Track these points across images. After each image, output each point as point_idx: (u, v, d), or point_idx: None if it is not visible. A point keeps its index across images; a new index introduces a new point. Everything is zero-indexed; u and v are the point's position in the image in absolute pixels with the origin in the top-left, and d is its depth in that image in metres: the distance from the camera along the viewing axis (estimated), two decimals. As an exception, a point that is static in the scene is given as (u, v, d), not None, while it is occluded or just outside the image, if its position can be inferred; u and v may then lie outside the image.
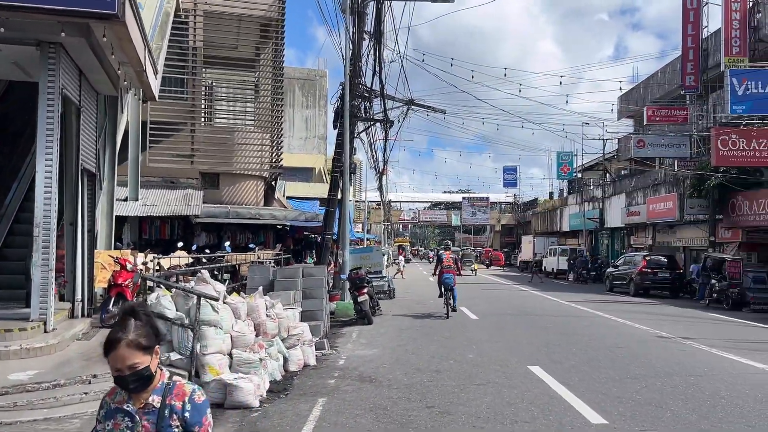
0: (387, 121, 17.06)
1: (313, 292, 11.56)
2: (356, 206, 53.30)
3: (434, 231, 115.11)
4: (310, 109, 32.70)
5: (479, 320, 14.63)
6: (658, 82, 33.17)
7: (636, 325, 13.99)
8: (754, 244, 23.52)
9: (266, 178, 23.15)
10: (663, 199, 29.37)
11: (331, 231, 16.28)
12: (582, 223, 41.93)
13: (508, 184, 69.40)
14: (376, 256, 15.80)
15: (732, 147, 20.30)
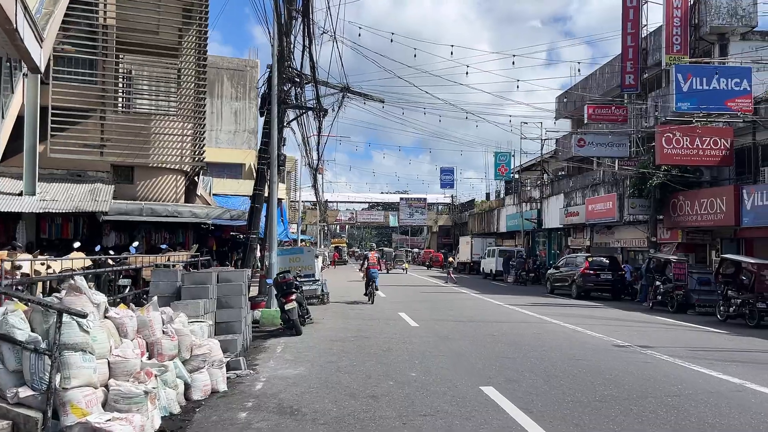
0: (320, 109, 15.52)
1: (231, 300, 9.89)
2: (291, 206, 51.40)
3: (371, 232, 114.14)
4: (239, 101, 30.73)
5: (420, 328, 13.28)
6: (597, 82, 32.95)
7: (588, 332, 12.98)
8: (690, 245, 23.28)
9: (188, 172, 21.11)
10: (602, 199, 29.04)
11: (256, 230, 14.60)
12: (519, 224, 41.55)
13: (445, 185, 68.92)
14: (308, 257, 14.23)
15: (676, 145, 19.83)
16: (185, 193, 21.22)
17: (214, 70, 31.25)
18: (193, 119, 20.93)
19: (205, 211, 18.60)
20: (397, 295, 22.81)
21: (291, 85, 15.13)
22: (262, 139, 14.90)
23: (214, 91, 31.17)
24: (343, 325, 13.63)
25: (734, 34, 23.11)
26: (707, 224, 20.24)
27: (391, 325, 13.79)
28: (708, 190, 20.60)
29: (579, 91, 35.42)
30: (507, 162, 47.08)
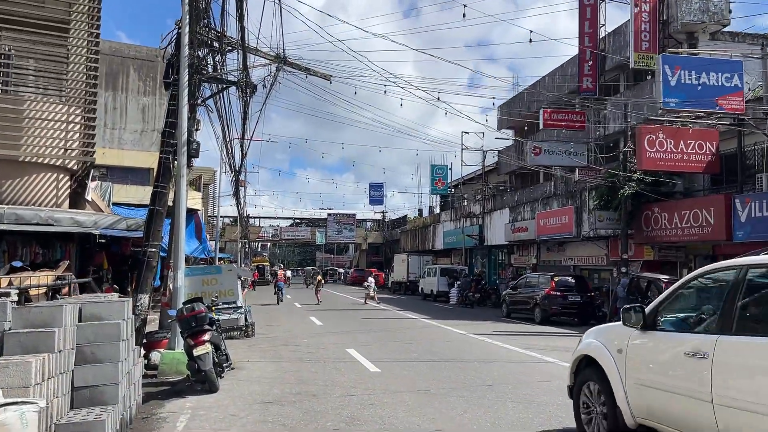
0: (247, 85, 11.87)
1: (100, 350, 6.08)
2: (209, 221, 46.69)
3: (294, 251, 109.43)
4: (149, 97, 26.46)
5: (383, 375, 9.76)
6: (546, 89, 30.78)
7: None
8: (657, 263, 21.03)
9: (74, 171, 16.73)
10: (556, 213, 26.58)
11: (156, 242, 10.69)
12: (459, 240, 38.82)
13: (375, 202, 65.83)
14: (228, 279, 10.50)
15: (659, 148, 17.40)
16: (70, 198, 16.82)
17: (119, 59, 26.76)
18: (83, 105, 16.67)
19: (92, 219, 14.33)
20: (336, 322, 19.18)
21: (208, 50, 11.42)
22: (167, 119, 11.06)
23: (118, 84, 26.67)
24: (277, 373, 9.91)
25: (704, 32, 21.24)
26: (689, 239, 17.88)
27: (342, 370, 10.18)
28: (690, 201, 18.29)
29: (525, 99, 33.25)
30: (444, 175, 44.52)
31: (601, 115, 25.42)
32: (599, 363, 5.73)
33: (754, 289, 4.49)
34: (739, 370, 4.29)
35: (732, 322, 4.47)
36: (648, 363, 5.23)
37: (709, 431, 4.43)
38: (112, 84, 26.66)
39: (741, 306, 4.50)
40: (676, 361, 4.88)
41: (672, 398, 4.83)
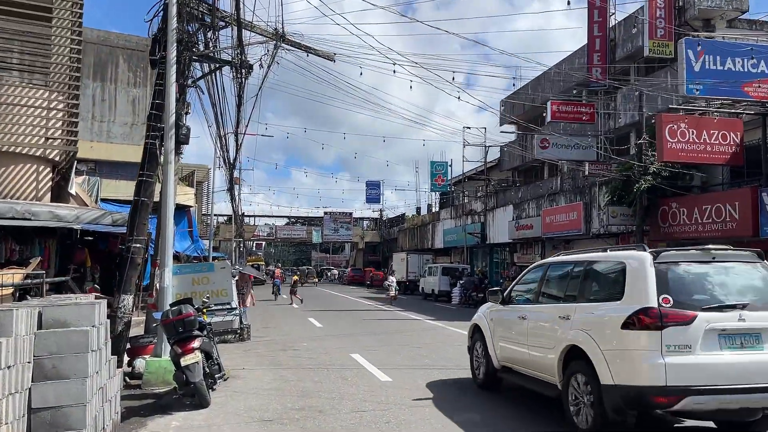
0: (242, 64, 10.79)
1: (64, 363, 5.02)
2: (203, 220, 45.58)
3: (289, 250, 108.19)
4: (139, 88, 25.29)
5: (396, 384, 8.69)
6: (551, 82, 29.77)
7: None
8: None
9: (57, 162, 15.63)
10: (564, 209, 25.57)
11: (141, 236, 9.58)
12: (460, 238, 37.79)
13: (372, 200, 64.72)
14: (221, 277, 9.41)
15: (681, 138, 16.38)
16: (53, 192, 15.72)
17: (108, 48, 25.56)
18: (66, 91, 15.58)
19: (73, 214, 13.23)
20: (336, 323, 18.12)
21: (199, 25, 10.33)
22: (154, 100, 9.96)
23: (106, 75, 25.48)
24: (277, 383, 8.83)
25: (722, 19, 20.25)
26: (711, 235, 16.85)
27: (348, 379, 9.12)
28: (712, 195, 17.29)
29: (529, 93, 32.22)
30: (444, 172, 43.46)
31: (611, 107, 24.43)
32: (481, 329, 8.47)
33: (550, 277, 7.33)
34: (536, 324, 7.04)
35: (538, 296, 7.36)
36: (502, 326, 7.93)
37: (529, 365, 7.09)
38: (100, 74, 25.48)
39: (543, 287, 7.34)
40: (514, 323, 7.56)
41: (513, 346, 7.48)
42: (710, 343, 5.44)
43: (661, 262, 5.74)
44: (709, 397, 5.32)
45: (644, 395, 5.37)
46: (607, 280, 6.26)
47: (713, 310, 5.53)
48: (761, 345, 5.54)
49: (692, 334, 5.40)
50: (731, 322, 5.51)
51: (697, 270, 5.86)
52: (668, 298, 5.48)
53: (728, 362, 5.43)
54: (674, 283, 5.65)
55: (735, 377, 5.39)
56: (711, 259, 5.99)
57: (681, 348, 5.36)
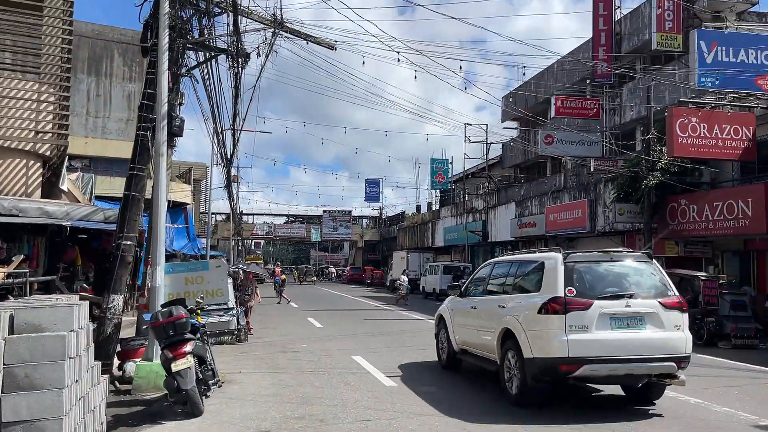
0: (238, 53, 10.28)
1: (38, 372, 4.53)
2: (201, 219, 45.06)
3: (288, 249, 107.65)
4: (135, 83, 24.73)
5: (402, 391, 8.21)
6: (555, 77, 29.29)
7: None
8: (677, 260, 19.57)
9: (48, 158, 15.12)
10: (568, 207, 25.09)
11: (132, 233, 9.07)
12: (461, 237, 37.33)
13: (371, 198, 64.23)
14: (216, 276, 8.91)
15: (692, 133, 15.89)
16: (43, 188, 15.21)
17: (102, 42, 25.02)
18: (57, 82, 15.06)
19: (63, 210, 12.70)
20: (336, 324, 17.62)
21: (194, 11, 9.82)
22: (145, 89, 9.45)
23: (101, 69, 24.94)
24: (275, 388, 8.32)
25: (731, 12, 19.77)
26: (722, 233, 16.40)
27: (351, 384, 8.62)
28: (724, 191, 16.80)
29: (531, 89, 31.73)
30: (445, 170, 42.96)
31: (617, 103, 23.96)
32: (444, 318, 9.96)
33: (494, 274, 8.88)
34: (483, 313, 8.44)
35: (485, 290, 8.85)
36: (460, 315, 9.32)
37: (479, 347, 8.45)
38: (95, 69, 24.95)
39: (489, 281, 8.89)
40: (468, 312, 8.97)
41: (468, 331, 8.66)
42: (603, 324, 6.95)
43: (569, 261, 7.24)
44: (601, 365, 6.83)
45: (553, 365, 6.84)
46: (531, 276, 7.74)
47: (606, 298, 7.05)
48: (643, 326, 7.08)
49: (589, 317, 6.90)
50: (620, 308, 7.04)
51: (596, 267, 7.42)
52: (572, 290, 7.00)
53: (617, 339, 6.94)
54: (578, 278, 7.14)
55: (621, 350, 6.89)
56: (609, 259, 7.54)
57: (580, 328, 6.76)
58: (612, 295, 7.10)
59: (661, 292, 7.34)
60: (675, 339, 7.11)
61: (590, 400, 8.08)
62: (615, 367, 6.88)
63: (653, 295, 7.26)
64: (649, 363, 6.95)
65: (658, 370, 7.03)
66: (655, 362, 6.96)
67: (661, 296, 7.27)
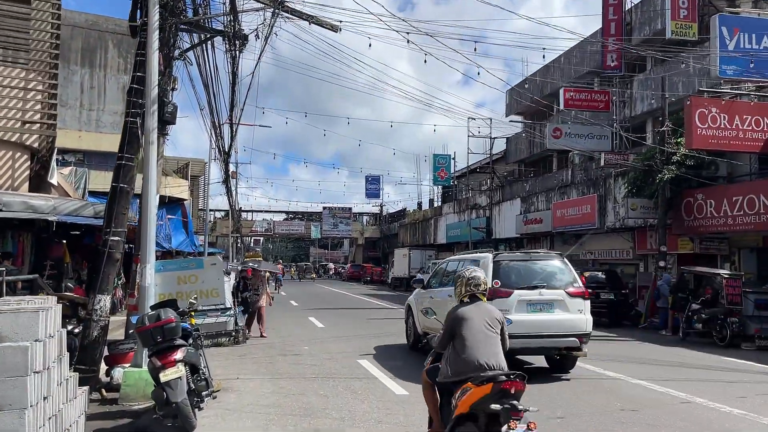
0: (236, 35, 9.56)
1: (-4, 389, 3.79)
2: (199, 215, 44.37)
3: (287, 246, 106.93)
4: (130, 75, 24.02)
5: (414, 400, 7.51)
6: (561, 70, 28.55)
7: (674, 393, 7.65)
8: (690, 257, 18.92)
9: (35, 149, 14.40)
10: (576, 202, 24.36)
11: (120, 228, 8.35)
12: (464, 233, 36.59)
13: (371, 195, 63.43)
14: (211, 274, 8.20)
15: (712, 124, 15.17)
16: (31, 181, 14.50)
17: (96, 33, 24.29)
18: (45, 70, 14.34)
19: (50, 204, 12.01)
20: (338, 323, 16.92)
21: (187, -11, 9.10)
22: (134, 72, 8.73)
23: (95, 61, 24.21)
24: (276, 397, 7.62)
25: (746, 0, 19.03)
26: (742, 229, 15.72)
27: (358, 392, 7.91)
28: (744, 185, 16.13)
29: (537, 82, 30.98)
30: (447, 165, 42.19)
31: (627, 95, 23.23)
32: (411, 307, 11.63)
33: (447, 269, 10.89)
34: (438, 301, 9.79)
35: (441, 282, 10.73)
36: (422, 303, 10.57)
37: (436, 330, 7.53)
38: (89, 60, 24.19)
39: (443, 275, 10.84)
40: (427, 300, 10.58)
41: (427, 316, 7.56)
42: (521, 309, 8.82)
43: (497, 260, 9.28)
44: (519, 340, 8.06)
45: None
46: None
47: (524, 289, 8.95)
48: (552, 310, 8.96)
49: (510, 303, 8.72)
50: (534, 296, 8.94)
51: (518, 264, 9.43)
52: (498, 282, 8.86)
53: (531, 320, 8.79)
54: (503, 273, 9.08)
55: (535, 329, 8.75)
56: (529, 258, 9.72)
57: (503, 311, 7.14)
58: (528, 286, 9.04)
59: (568, 284, 9.20)
60: (578, 320, 9.02)
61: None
62: (530, 342, 8.77)
63: (561, 286, 9.13)
64: (557, 338, 8.92)
65: (564, 344, 8.97)
66: (562, 338, 8.93)
67: (567, 287, 9.13)
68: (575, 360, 9.39)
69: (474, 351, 4.57)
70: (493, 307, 5.01)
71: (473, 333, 4.66)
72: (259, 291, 14.31)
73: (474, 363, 4.52)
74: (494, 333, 4.76)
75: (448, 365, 4.68)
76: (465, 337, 4.64)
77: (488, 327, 4.74)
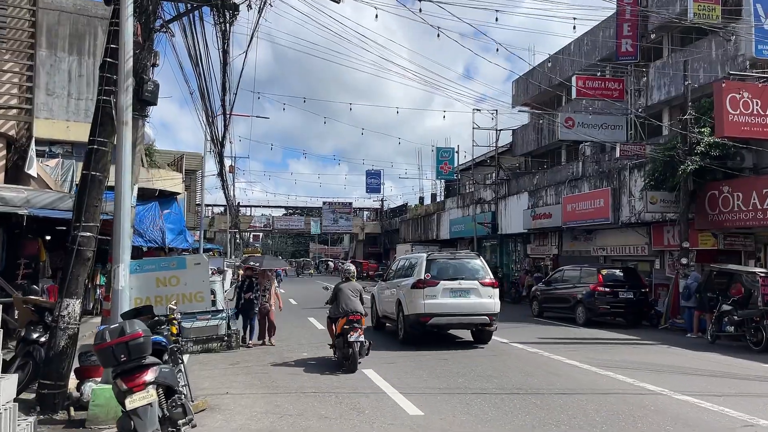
0: (224, 4, 8.46)
1: None
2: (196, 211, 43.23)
3: (287, 242, 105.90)
4: (120, 63, 22.93)
5: (430, 422, 6.45)
6: (571, 59, 27.42)
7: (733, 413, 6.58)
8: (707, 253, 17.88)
9: (12, 138, 13.33)
10: (588, 196, 23.23)
11: (92, 223, 7.26)
12: (468, 228, 35.47)
13: (372, 190, 62.26)
14: (195, 276, 7.08)
15: (744, 110, 14.06)
16: (8, 173, 13.44)
17: (85, 18, 23.13)
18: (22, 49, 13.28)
19: (22, 197, 10.89)
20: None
21: (169, -50, 8.00)
22: (108, 44, 7.62)
23: (84, 48, 23.08)
24: (270, 419, 6.53)
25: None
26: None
27: (366, 411, 6.83)
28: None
29: (546, 71, 29.84)
30: (450, 159, 41.05)
31: (642, 83, 22.11)
32: (374, 296, 14.67)
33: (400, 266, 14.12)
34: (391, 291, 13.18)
35: (395, 276, 13.77)
36: (381, 292, 14.15)
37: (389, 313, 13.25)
38: (77, 48, 23.01)
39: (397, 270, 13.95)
40: (385, 290, 13.87)
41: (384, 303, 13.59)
42: (445, 295, 11.66)
43: (429, 259, 12.20)
44: (442, 318, 11.56)
45: (418, 317, 11.62)
46: (412, 266, 12.62)
47: (447, 280, 11.78)
48: (469, 295, 11.75)
49: (437, 291, 11.60)
50: (455, 285, 11.78)
51: (445, 262, 12.36)
52: (429, 275, 11.75)
53: (452, 303, 11.66)
54: (433, 268, 11.92)
55: (455, 309, 11.64)
56: (453, 257, 12.92)
57: (432, 297, 11.40)
58: (451, 278, 11.91)
59: (481, 276, 12.11)
60: (488, 303, 11.86)
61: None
62: (450, 319, 11.74)
63: (477, 278, 12.01)
64: (471, 317, 11.77)
65: (477, 321, 11.84)
66: (475, 317, 11.77)
67: (480, 279, 12.02)
68: (491, 334, 12.24)
69: (344, 304, 9.58)
70: (356, 283, 10.13)
71: (344, 295, 9.68)
72: (267, 292, 12.45)
73: (344, 309, 9.52)
74: (355, 296, 9.74)
75: (334, 310, 9.73)
76: (340, 297, 9.69)
77: (352, 293, 9.73)
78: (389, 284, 13.61)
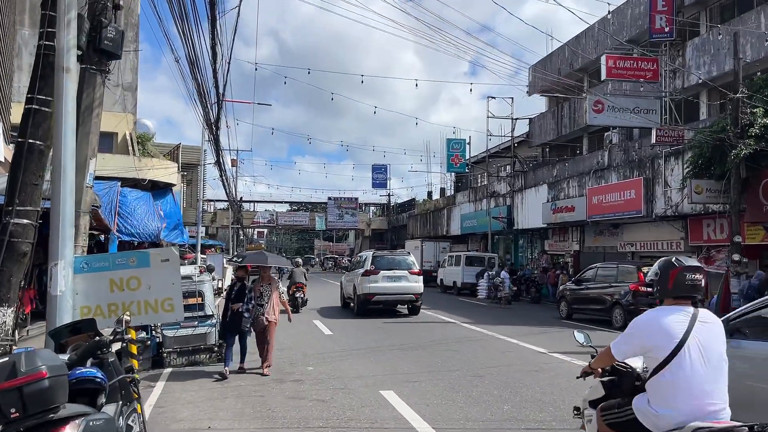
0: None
1: None
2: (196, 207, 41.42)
3: (292, 238, 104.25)
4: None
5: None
6: (595, 40, 25.51)
7: None
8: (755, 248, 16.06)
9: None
10: (617, 187, 21.37)
11: (30, 207, 5.50)
12: (481, 224, 33.64)
13: (378, 185, 60.47)
14: (162, 276, 5.27)
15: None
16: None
17: None
18: None
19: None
20: (351, 331, 14.07)
21: None
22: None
23: (71, 27, 21.32)
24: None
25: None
26: None
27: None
28: None
29: (566, 56, 27.96)
30: (461, 151, 39.16)
31: (678, 63, 20.22)
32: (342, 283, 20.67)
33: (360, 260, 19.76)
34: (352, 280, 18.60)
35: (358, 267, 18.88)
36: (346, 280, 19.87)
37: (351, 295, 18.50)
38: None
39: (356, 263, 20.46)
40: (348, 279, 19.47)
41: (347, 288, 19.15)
42: (384, 280, 17.14)
43: (374, 255, 18.02)
44: (383, 296, 17.20)
45: (365, 296, 17.14)
46: (363, 261, 18.33)
47: (386, 269, 17.32)
48: (401, 281, 17.30)
49: (379, 277, 17.15)
50: (391, 274, 17.28)
51: (385, 257, 18.15)
52: (373, 266, 17.36)
53: (389, 285, 17.16)
54: (376, 261, 17.60)
55: (391, 290, 17.23)
56: (391, 254, 18.88)
57: (374, 281, 17.06)
58: (388, 268, 17.25)
59: (410, 267, 17.58)
60: (415, 286, 17.33)
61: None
62: (387, 297, 17.16)
63: (407, 268, 17.48)
64: (402, 295, 17.34)
65: (407, 299, 17.41)
66: (405, 295, 17.34)
67: (409, 269, 17.48)
68: (419, 308, 17.69)
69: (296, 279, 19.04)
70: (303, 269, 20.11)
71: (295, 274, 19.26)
72: (265, 300, 9.07)
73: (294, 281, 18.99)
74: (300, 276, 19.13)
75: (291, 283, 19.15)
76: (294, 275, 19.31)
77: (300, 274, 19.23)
78: (350, 274, 19.32)
